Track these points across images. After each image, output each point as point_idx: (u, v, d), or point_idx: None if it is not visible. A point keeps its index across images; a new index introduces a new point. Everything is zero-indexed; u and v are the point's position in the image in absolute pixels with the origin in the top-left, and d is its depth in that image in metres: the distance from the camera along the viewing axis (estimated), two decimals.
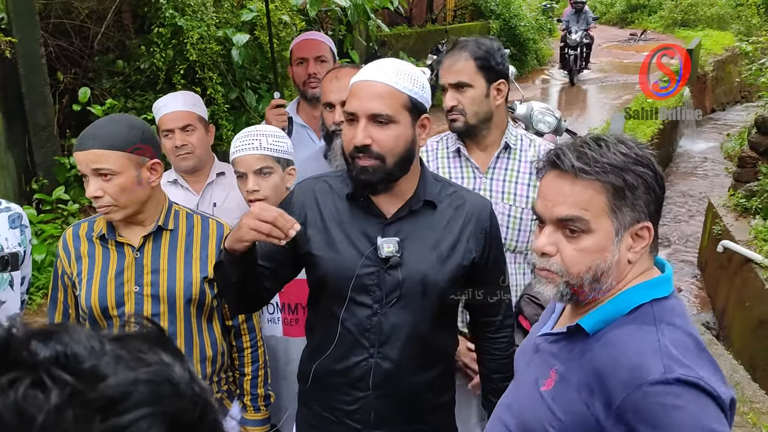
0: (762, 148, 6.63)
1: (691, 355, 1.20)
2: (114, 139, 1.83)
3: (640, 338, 1.23)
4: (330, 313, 1.82)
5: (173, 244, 2.03)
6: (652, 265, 1.35)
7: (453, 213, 1.82)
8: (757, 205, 6.03)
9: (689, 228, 8.03)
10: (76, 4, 6.23)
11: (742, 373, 4.04)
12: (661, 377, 1.15)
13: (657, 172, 1.29)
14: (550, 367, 1.36)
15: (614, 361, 1.23)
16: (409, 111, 1.70)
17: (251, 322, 2.20)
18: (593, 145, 1.29)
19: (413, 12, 13.95)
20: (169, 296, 1.99)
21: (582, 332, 1.31)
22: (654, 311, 1.27)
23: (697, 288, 6.73)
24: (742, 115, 12.44)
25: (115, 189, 1.86)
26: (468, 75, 2.24)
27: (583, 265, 1.29)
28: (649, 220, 1.28)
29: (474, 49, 2.25)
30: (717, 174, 9.70)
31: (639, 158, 1.27)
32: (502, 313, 1.96)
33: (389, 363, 1.78)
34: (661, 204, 1.32)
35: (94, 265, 2.00)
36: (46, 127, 5.41)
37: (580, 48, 14.27)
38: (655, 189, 1.28)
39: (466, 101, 2.25)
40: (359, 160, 1.69)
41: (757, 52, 8.45)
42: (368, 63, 1.79)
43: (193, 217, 2.10)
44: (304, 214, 1.81)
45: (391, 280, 1.75)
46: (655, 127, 9.31)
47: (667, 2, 22.04)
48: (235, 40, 6.46)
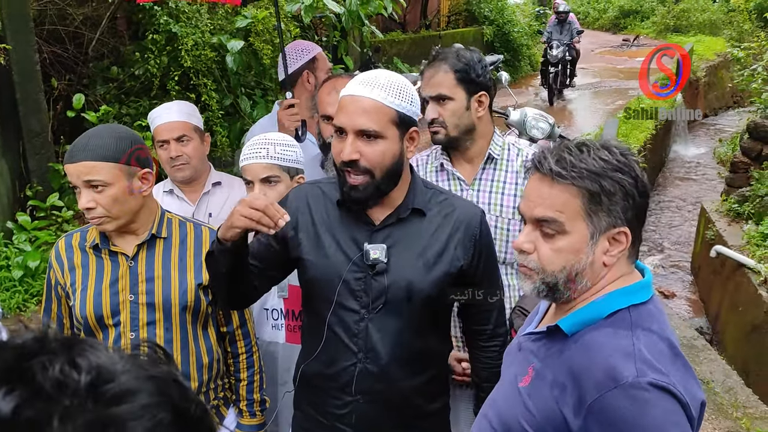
0: (754, 154, 6.68)
1: (666, 359, 1.24)
2: (105, 150, 1.84)
3: (616, 342, 1.26)
4: (318, 317, 1.85)
5: (167, 252, 2.03)
6: (632, 270, 1.38)
7: (441, 221, 1.84)
8: (749, 210, 6.07)
9: (682, 233, 8.07)
10: (70, 10, 6.23)
11: (735, 378, 4.06)
12: (633, 380, 1.19)
13: (638, 179, 1.31)
14: (529, 364, 1.41)
15: (589, 362, 1.26)
16: (397, 126, 1.72)
17: (246, 327, 2.20)
18: (574, 151, 1.32)
19: (407, 18, 14.00)
20: (164, 304, 1.99)
21: (561, 332, 1.35)
22: (631, 316, 1.30)
23: (691, 293, 6.76)
24: (734, 121, 12.53)
25: (107, 200, 1.86)
26: (447, 88, 2.23)
27: (558, 265, 1.34)
28: (627, 226, 1.31)
29: (453, 61, 2.23)
30: (710, 179, 9.76)
31: (619, 165, 1.30)
32: (494, 321, 1.97)
33: (376, 368, 1.80)
34: (642, 210, 1.35)
35: (88, 275, 2.00)
36: (40, 134, 5.40)
37: (562, 64, 12.98)
38: (635, 196, 1.31)
39: (447, 114, 2.24)
40: (348, 176, 1.72)
41: (748, 58, 8.52)
42: (362, 69, 1.81)
43: (186, 225, 2.10)
44: (296, 218, 1.84)
45: (377, 285, 1.78)
46: (648, 132, 9.36)
47: (660, 8, 22.21)
48: (229, 47, 6.47)
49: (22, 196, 5.47)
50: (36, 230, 5.25)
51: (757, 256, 5.38)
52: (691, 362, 4.12)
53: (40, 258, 5.01)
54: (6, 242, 5.20)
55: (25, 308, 4.87)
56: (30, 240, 5.23)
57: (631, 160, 1.32)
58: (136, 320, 1.98)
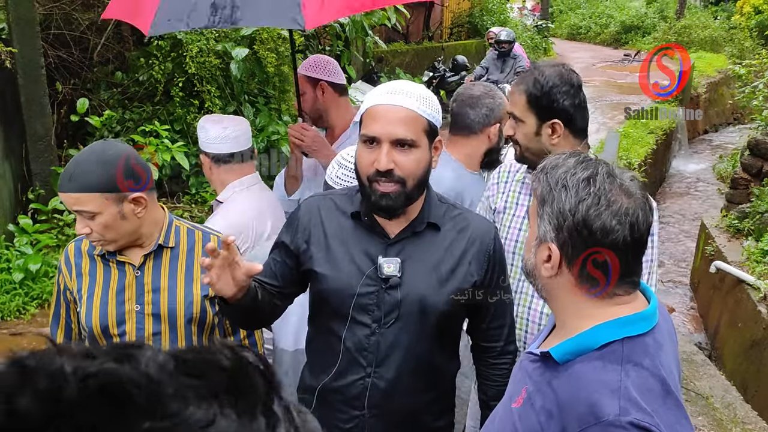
0: (754, 170, 6.70)
1: (655, 398, 1.21)
2: (89, 181, 1.79)
3: (604, 376, 1.23)
4: (329, 331, 1.82)
5: (174, 263, 2.00)
6: (633, 299, 1.33)
7: (456, 236, 1.81)
8: (749, 226, 6.08)
9: (682, 248, 8.08)
10: (76, 15, 6.26)
11: (734, 394, 4.06)
12: (614, 419, 1.16)
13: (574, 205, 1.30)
14: (523, 385, 1.39)
15: (575, 394, 1.24)
16: (427, 134, 1.72)
17: (253, 337, 2.19)
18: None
19: (410, 29, 14.06)
20: (170, 315, 1.97)
21: (553, 359, 1.33)
22: (624, 350, 1.26)
23: (690, 308, 6.76)
24: (734, 137, 12.57)
25: (99, 227, 1.84)
26: (519, 110, 2.13)
27: (527, 253, 1.41)
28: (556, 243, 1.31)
29: (529, 84, 2.10)
30: (709, 195, 9.78)
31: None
32: (504, 339, 1.93)
33: (386, 383, 1.78)
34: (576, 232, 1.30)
35: (95, 284, 1.98)
36: (43, 137, 5.41)
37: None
38: (566, 217, 1.30)
39: (519, 135, 2.16)
40: (379, 185, 1.69)
41: (750, 75, 8.58)
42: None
43: (195, 234, 2.06)
44: (308, 231, 1.82)
45: (390, 300, 1.75)
46: (648, 147, 9.39)
47: (661, 24, 22.33)
48: (234, 54, 6.50)
49: (24, 199, 5.47)
50: (37, 233, 5.25)
51: (757, 273, 5.39)
52: (690, 377, 4.09)
53: (41, 261, 5.01)
54: (7, 245, 5.20)
55: (25, 311, 4.86)
56: (31, 243, 5.23)
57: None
58: (142, 330, 1.96)
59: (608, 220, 1.26)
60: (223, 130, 2.54)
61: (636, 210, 1.27)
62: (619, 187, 1.28)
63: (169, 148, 5.87)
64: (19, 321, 4.80)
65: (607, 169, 1.31)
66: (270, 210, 2.63)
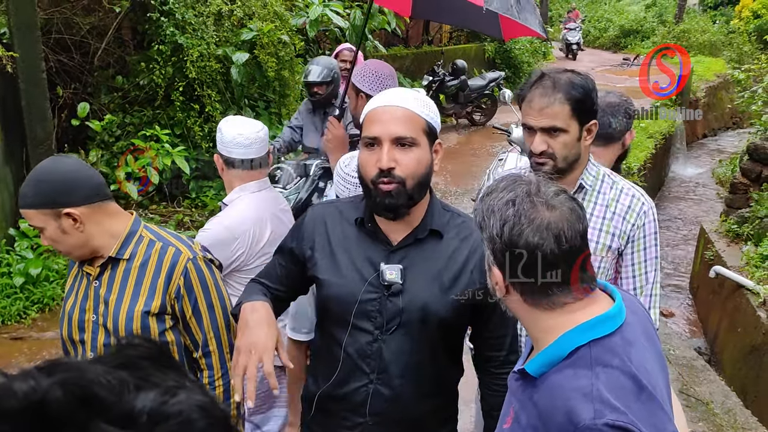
0: (754, 175, 6.71)
1: (628, 395, 1.22)
2: (27, 198, 1.84)
3: (575, 383, 1.25)
4: (331, 337, 1.83)
5: (126, 275, 1.97)
6: (591, 302, 1.35)
7: (459, 244, 1.82)
8: (749, 231, 6.09)
9: (681, 253, 8.08)
10: (77, 19, 6.26)
11: (734, 399, 4.06)
12: (590, 423, 1.18)
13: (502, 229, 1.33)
14: (510, 405, 1.41)
15: (552, 404, 1.26)
16: (427, 135, 1.74)
17: (209, 358, 2.08)
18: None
19: (410, 33, 14.07)
20: (114, 329, 1.95)
21: (530, 375, 1.35)
22: (591, 353, 1.28)
23: (689, 313, 6.77)
24: (733, 141, 12.60)
25: (48, 241, 1.90)
26: (563, 120, 2.02)
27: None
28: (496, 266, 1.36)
29: (568, 90, 2.02)
30: (709, 199, 9.79)
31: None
32: (507, 348, 1.91)
33: (389, 390, 1.78)
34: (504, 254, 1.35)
35: (72, 290, 2.04)
36: (44, 141, 5.41)
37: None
38: (496, 241, 1.34)
39: (558, 146, 2.05)
40: (382, 186, 1.71)
41: (749, 80, 8.60)
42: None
43: (155, 245, 2.00)
44: (312, 239, 1.84)
45: (392, 307, 1.76)
46: (647, 152, 9.40)
47: (660, 28, 22.39)
48: (234, 59, 6.52)
49: None
50: (38, 237, 5.25)
51: (756, 278, 5.39)
52: (690, 383, 4.08)
53: (41, 265, 5.02)
54: (8, 249, 5.20)
55: (25, 315, 4.86)
56: (32, 247, 5.23)
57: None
58: (95, 341, 1.97)
59: (531, 236, 1.30)
60: (237, 136, 2.57)
61: (559, 222, 1.30)
62: (542, 203, 1.32)
63: (170, 152, 5.88)
64: (19, 325, 4.81)
65: (529, 188, 1.34)
66: (272, 217, 2.64)
